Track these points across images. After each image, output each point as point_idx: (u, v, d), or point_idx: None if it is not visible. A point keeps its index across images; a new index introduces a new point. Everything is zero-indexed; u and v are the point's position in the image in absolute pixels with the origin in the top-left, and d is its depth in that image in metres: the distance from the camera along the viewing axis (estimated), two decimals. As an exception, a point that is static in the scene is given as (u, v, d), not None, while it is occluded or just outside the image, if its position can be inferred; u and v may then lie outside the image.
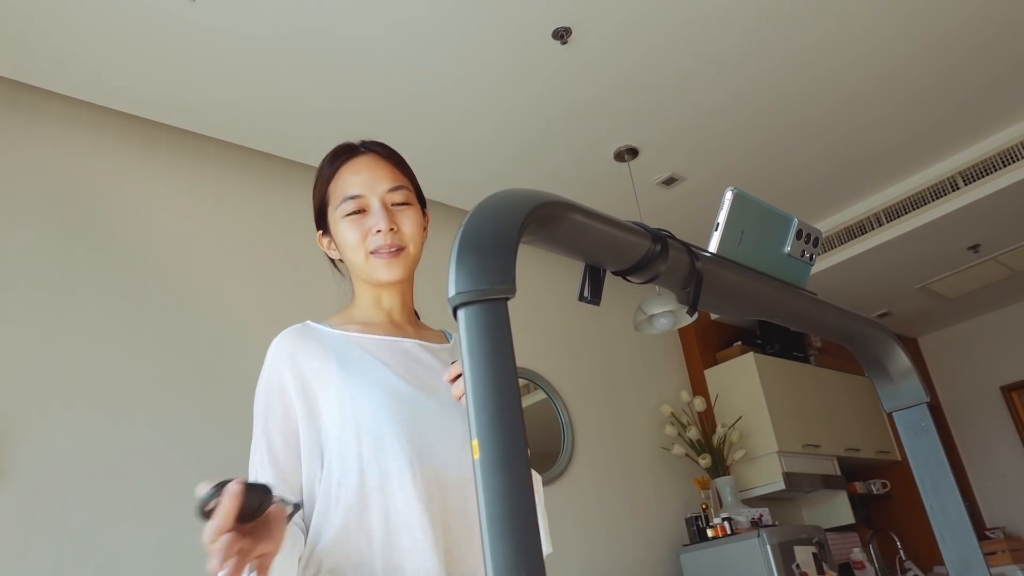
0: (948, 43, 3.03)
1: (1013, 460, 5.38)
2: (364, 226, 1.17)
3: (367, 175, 1.20)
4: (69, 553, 2.10)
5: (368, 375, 1.11)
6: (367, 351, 1.15)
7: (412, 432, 1.07)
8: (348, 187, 1.19)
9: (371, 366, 1.13)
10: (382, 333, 1.19)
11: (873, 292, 4.89)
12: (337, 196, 1.20)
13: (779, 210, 0.79)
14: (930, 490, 0.85)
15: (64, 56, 2.45)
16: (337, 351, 1.13)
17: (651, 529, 3.73)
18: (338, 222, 1.19)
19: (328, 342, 1.14)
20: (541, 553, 0.44)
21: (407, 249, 1.18)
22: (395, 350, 1.17)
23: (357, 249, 1.17)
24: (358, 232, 1.17)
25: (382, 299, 1.22)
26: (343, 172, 1.22)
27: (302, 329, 1.17)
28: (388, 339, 1.18)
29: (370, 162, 1.22)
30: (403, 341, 1.19)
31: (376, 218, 1.16)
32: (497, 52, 2.72)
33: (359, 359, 1.13)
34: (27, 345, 2.25)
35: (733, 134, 3.41)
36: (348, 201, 1.18)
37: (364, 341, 1.16)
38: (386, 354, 1.16)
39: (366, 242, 1.16)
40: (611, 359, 4.04)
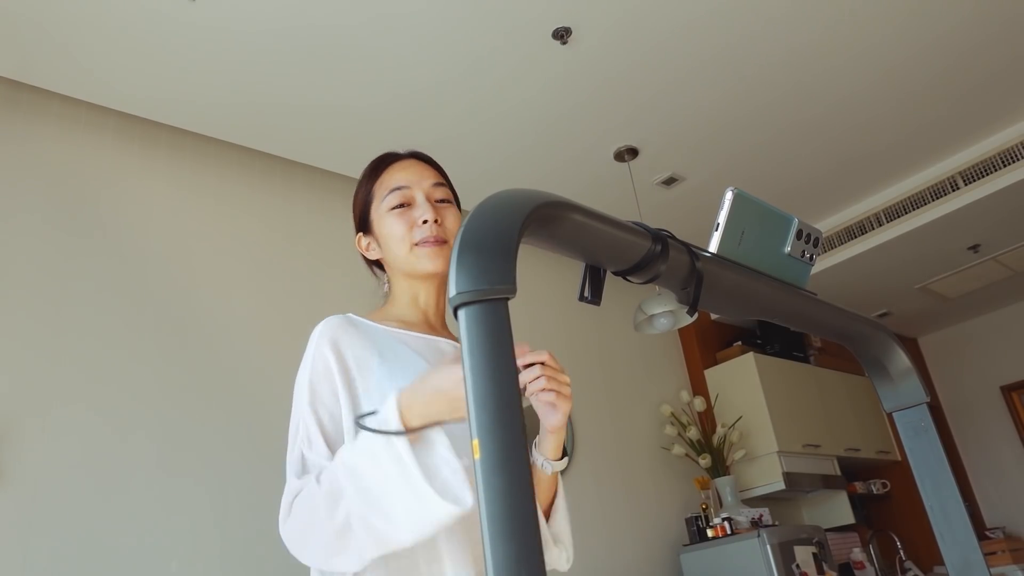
0: (948, 43, 3.03)
1: (1013, 460, 5.38)
2: (410, 218, 1.19)
3: (412, 171, 1.24)
4: (69, 553, 2.10)
5: (408, 367, 1.12)
6: (406, 344, 1.16)
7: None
8: (393, 180, 1.23)
9: (410, 358, 1.13)
10: (418, 331, 1.20)
11: (873, 292, 4.89)
12: (382, 191, 1.23)
13: (779, 210, 0.80)
14: (930, 490, 0.85)
15: (64, 56, 2.45)
16: (378, 343, 1.14)
17: (651, 529, 3.73)
18: (383, 216, 1.21)
19: (369, 334, 1.15)
20: (541, 553, 0.44)
21: (449, 243, 1.19)
22: (431, 347, 1.18)
23: (402, 241, 1.18)
24: (404, 223, 1.19)
25: (419, 297, 1.23)
26: (388, 171, 1.25)
27: (344, 319, 1.17)
28: (426, 337, 1.20)
29: (413, 163, 1.27)
30: (439, 340, 1.21)
31: (422, 209, 1.19)
32: (497, 52, 2.72)
33: (399, 353, 1.14)
34: (27, 345, 2.25)
35: (733, 134, 3.41)
36: (394, 193, 1.21)
37: (403, 336, 1.18)
38: (423, 348, 1.17)
39: (411, 233, 1.18)
40: (611, 359, 4.04)
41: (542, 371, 1.02)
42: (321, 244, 3.03)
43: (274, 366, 2.57)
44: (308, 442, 1.07)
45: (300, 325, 1.41)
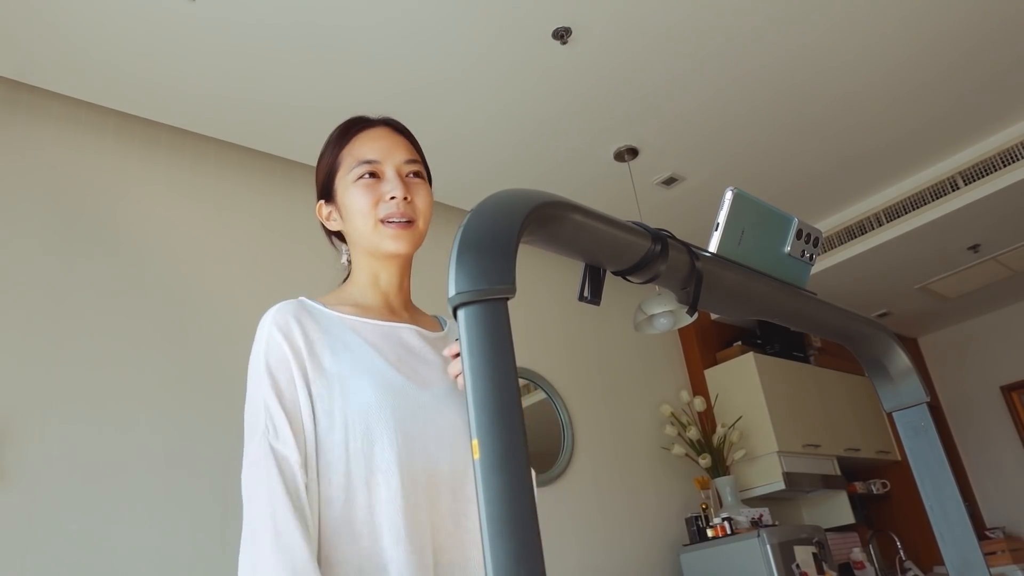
0: (948, 43, 3.03)
1: (1013, 460, 5.38)
2: (377, 192, 1.13)
3: (384, 143, 1.18)
4: (69, 553, 2.10)
5: (360, 363, 1.07)
6: (361, 336, 1.10)
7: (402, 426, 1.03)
8: (364, 152, 1.16)
9: (364, 353, 1.08)
10: (377, 317, 1.14)
11: (873, 292, 4.89)
12: (350, 161, 1.17)
13: (779, 210, 0.79)
14: (930, 490, 0.85)
15: (64, 56, 2.45)
16: (330, 333, 1.09)
17: (651, 529, 3.73)
18: (348, 187, 1.15)
19: (322, 322, 1.10)
20: (541, 553, 0.44)
21: (417, 223, 1.14)
22: (389, 337, 1.13)
23: (367, 215, 1.12)
24: (370, 197, 1.13)
25: (380, 278, 1.17)
26: (359, 139, 1.19)
27: (297, 305, 1.11)
28: (383, 324, 1.14)
29: (386, 133, 1.20)
30: (399, 327, 1.15)
31: (391, 185, 1.13)
32: (497, 52, 2.72)
33: (351, 344, 1.08)
34: (27, 345, 2.25)
35: (733, 134, 3.41)
36: (363, 165, 1.15)
37: (358, 325, 1.12)
38: (380, 340, 1.11)
39: (377, 209, 1.12)
40: (611, 359, 4.04)
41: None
42: (321, 244, 3.02)
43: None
44: (274, 432, 1.00)
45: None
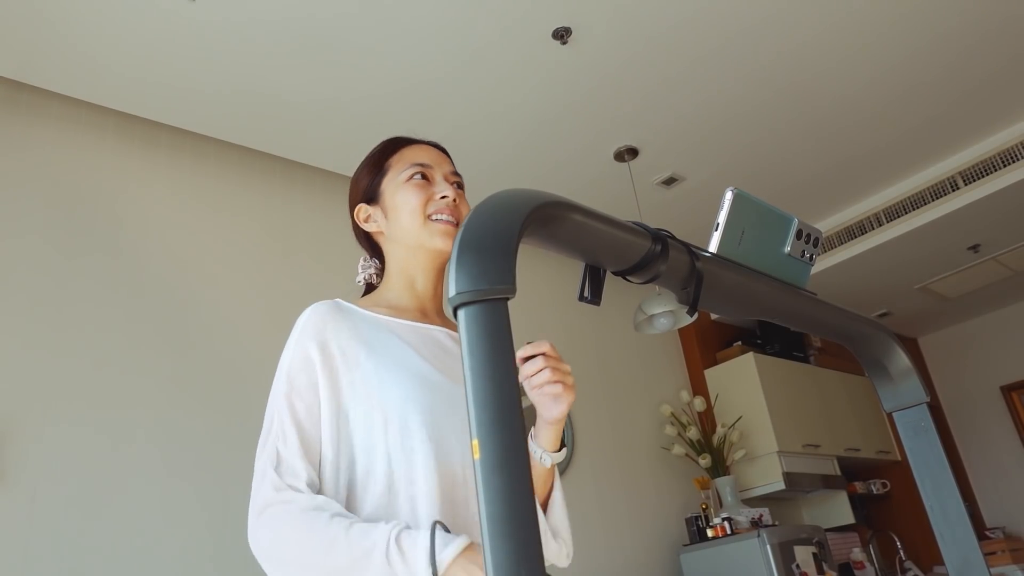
0: (948, 43, 3.03)
1: (1013, 460, 5.38)
2: (428, 191, 1.17)
3: (433, 155, 1.24)
4: (69, 553, 2.10)
5: (396, 359, 1.08)
6: (397, 335, 1.12)
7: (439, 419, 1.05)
8: (416, 157, 1.21)
9: (399, 350, 1.10)
10: (412, 319, 1.16)
11: (873, 292, 4.89)
12: (401, 165, 1.21)
13: (779, 210, 0.80)
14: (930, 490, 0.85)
15: (64, 56, 2.45)
16: (366, 332, 1.10)
17: (651, 529, 3.73)
18: (399, 186, 1.19)
19: (359, 322, 1.11)
20: (541, 553, 0.44)
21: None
22: (424, 336, 1.15)
23: (416, 212, 1.16)
24: (422, 195, 1.17)
25: (416, 283, 1.19)
26: (408, 148, 1.24)
27: (333, 305, 1.13)
28: (418, 325, 1.16)
29: (431, 148, 1.26)
30: (432, 329, 1.17)
31: (443, 186, 1.18)
32: (497, 52, 2.72)
33: (387, 342, 1.10)
34: (27, 345, 2.25)
35: (733, 134, 3.41)
36: (416, 166, 1.19)
37: (394, 325, 1.14)
38: (415, 339, 1.13)
39: (427, 206, 1.16)
40: (611, 359, 4.04)
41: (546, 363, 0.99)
42: (321, 244, 3.03)
43: (273, 366, 2.57)
44: (283, 438, 1.03)
45: (300, 325, 1.40)
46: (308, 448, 1.03)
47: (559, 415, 1.03)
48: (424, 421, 1.04)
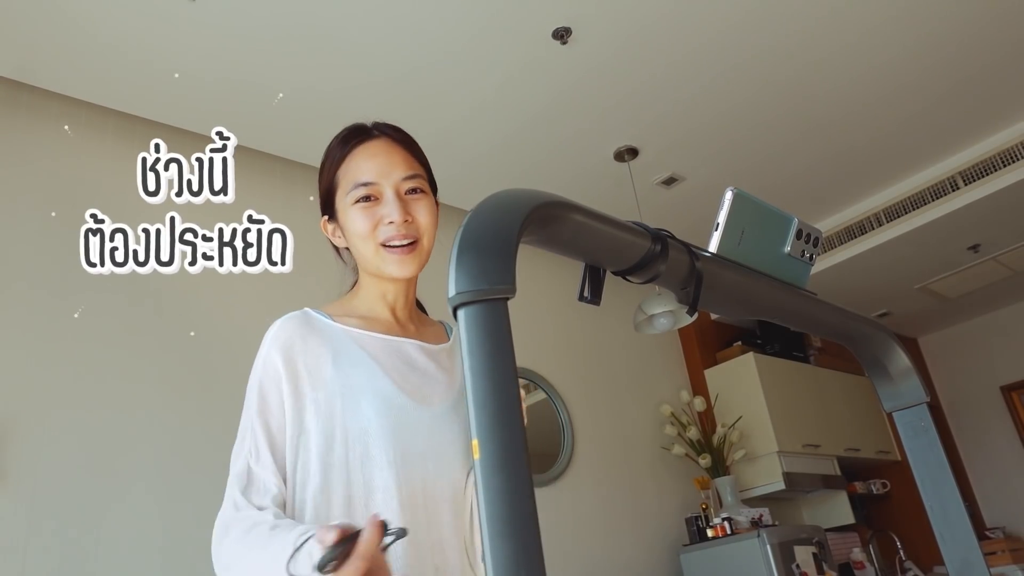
0: (948, 43, 3.03)
1: (1013, 460, 5.38)
2: (376, 215, 1.11)
3: (381, 160, 1.14)
4: (69, 553, 2.10)
5: (362, 380, 1.07)
6: (365, 350, 1.10)
7: (401, 445, 1.04)
8: (360, 173, 1.13)
9: (366, 369, 1.08)
10: (382, 331, 1.14)
11: (873, 292, 4.89)
12: (348, 182, 1.14)
13: (779, 210, 0.79)
14: (930, 490, 0.85)
15: (64, 56, 2.45)
16: (334, 348, 1.08)
17: (651, 529, 3.73)
18: (347, 209, 1.13)
19: (327, 337, 1.09)
20: (541, 553, 0.44)
21: (420, 242, 1.12)
22: (393, 351, 1.12)
23: (367, 240, 1.11)
24: (369, 221, 1.10)
25: (387, 293, 1.17)
26: (355, 156, 1.16)
27: (302, 318, 1.11)
28: (388, 339, 1.13)
29: (384, 147, 1.17)
30: (403, 342, 1.15)
31: (390, 207, 1.10)
32: (497, 52, 2.72)
33: (356, 360, 1.08)
34: (27, 345, 2.25)
35: (733, 134, 3.41)
36: (359, 188, 1.12)
37: (363, 339, 1.11)
38: (383, 355, 1.11)
39: (376, 232, 1.10)
40: (611, 359, 4.04)
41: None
42: (321, 244, 3.02)
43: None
44: (256, 454, 1.04)
45: (300, 325, 1.40)
46: (280, 463, 1.04)
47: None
48: (386, 447, 1.03)
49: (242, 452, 1.05)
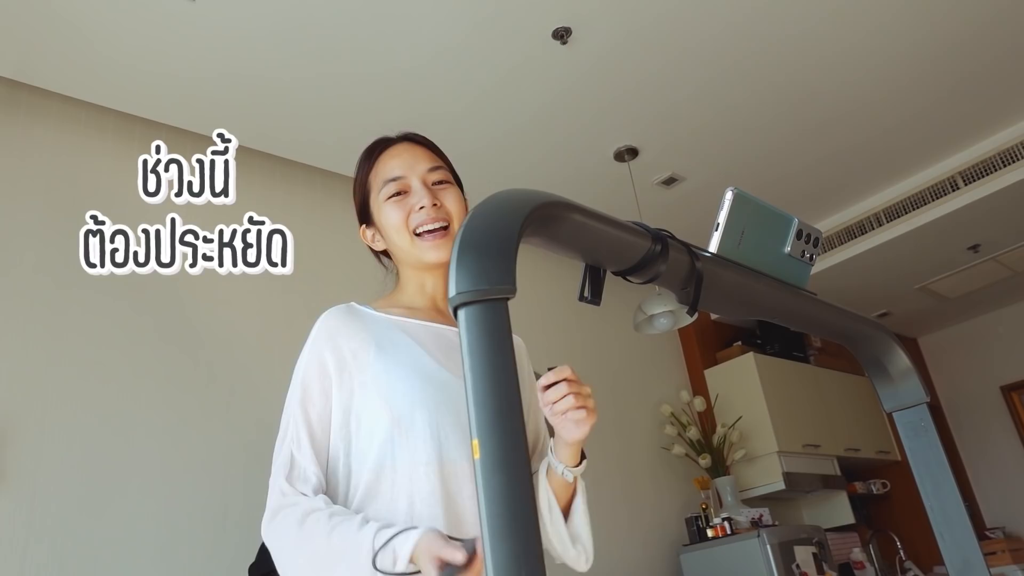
0: (948, 43, 3.03)
1: (1013, 460, 5.38)
2: (407, 205, 1.17)
3: (406, 157, 1.22)
4: (69, 553, 2.10)
5: (405, 359, 1.12)
6: (408, 334, 1.15)
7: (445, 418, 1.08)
8: (388, 171, 1.21)
9: (408, 350, 1.13)
10: (424, 318, 1.19)
11: (873, 292, 4.89)
12: (378, 182, 1.21)
13: (779, 210, 0.80)
14: (930, 490, 0.85)
15: (64, 56, 2.45)
16: (377, 334, 1.14)
17: (651, 529, 3.73)
18: (381, 207, 1.20)
19: (370, 324, 1.15)
20: (541, 553, 0.44)
21: (451, 227, 1.18)
22: (435, 335, 1.18)
23: (402, 230, 1.17)
24: (402, 212, 1.17)
25: (426, 284, 1.22)
26: (381, 160, 1.24)
27: (346, 309, 1.17)
28: (429, 324, 1.19)
29: (407, 147, 1.25)
30: (444, 328, 1.20)
31: (419, 196, 1.17)
32: (497, 52, 2.72)
33: (398, 342, 1.13)
34: (27, 345, 2.25)
35: (733, 134, 3.41)
36: (390, 183, 1.19)
37: (406, 325, 1.17)
38: (425, 338, 1.16)
39: (409, 221, 1.17)
40: (611, 359, 4.04)
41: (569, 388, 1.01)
42: (321, 244, 3.03)
43: (273, 367, 2.57)
44: (297, 443, 1.08)
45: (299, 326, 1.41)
46: (319, 453, 1.08)
47: (581, 437, 1.06)
48: (429, 421, 1.07)
49: (285, 440, 1.09)
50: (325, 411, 1.10)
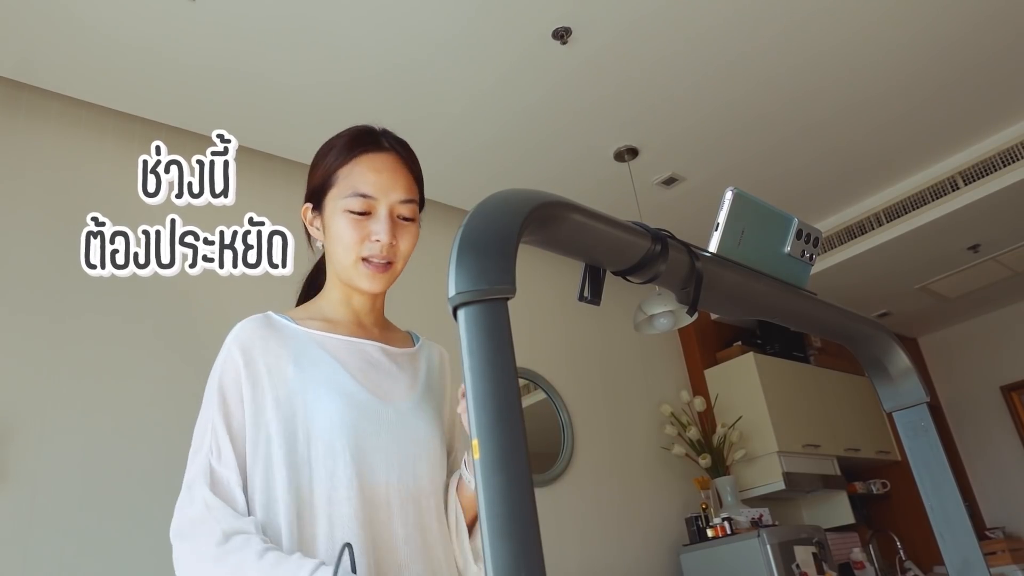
0: (949, 43, 3.03)
1: (1013, 460, 5.38)
2: (365, 229, 1.11)
3: (385, 177, 1.14)
4: (69, 553, 2.10)
5: (324, 378, 1.08)
6: (326, 351, 1.11)
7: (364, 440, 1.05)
8: (362, 184, 1.13)
9: (328, 368, 1.09)
10: (345, 333, 1.16)
11: (873, 292, 4.89)
12: (346, 186, 1.13)
13: (779, 210, 0.79)
14: (930, 490, 0.85)
15: (64, 56, 2.45)
16: (295, 349, 1.10)
17: (651, 529, 3.73)
18: (337, 213, 1.13)
19: (288, 339, 1.11)
20: (541, 553, 0.44)
21: (395, 266, 1.14)
22: (356, 352, 1.14)
23: (349, 250, 1.12)
24: (357, 234, 1.11)
25: (353, 299, 1.19)
26: (360, 163, 1.15)
27: (263, 320, 1.13)
28: (350, 340, 1.15)
29: (390, 163, 1.16)
30: (366, 344, 1.16)
31: (380, 226, 1.11)
32: (497, 52, 2.72)
33: (316, 360, 1.10)
34: (27, 345, 2.25)
35: (733, 134, 3.41)
36: (358, 198, 1.12)
37: (325, 340, 1.13)
38: (345, 355, 1.12)
39: (361, 246, 1.11)
40: (611, 359, 4.04)
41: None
42: (321, 244, 3.03)
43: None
44: (217, 453, 1.04)
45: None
46: (240, 466, 1.05)
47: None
48: (348, 443, 1.04)
49: (202, 449, 1.05)
50: (241, 422, 1.06)
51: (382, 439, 1.07)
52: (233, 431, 1.05)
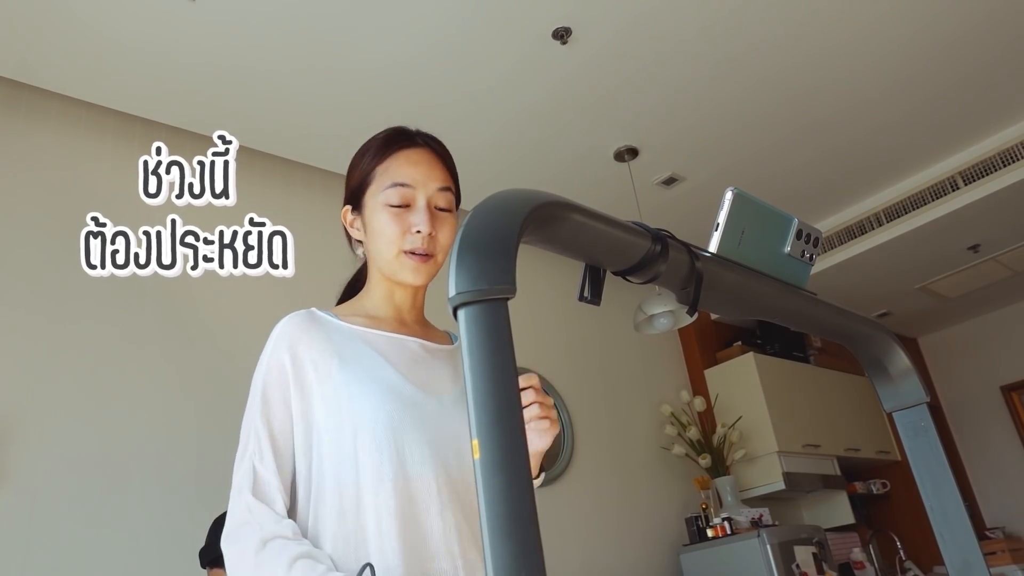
0: (949, 43, 3.03)
1: (1013, 460, 5.38)
2: (405, 222, 1.13)
3: (422, 168, 1.17)
4: (69, 553, 2.10)
5: (368, 372, 1.09)
6: (371, 346, 1.12)
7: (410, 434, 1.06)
8: (400, 174, 1.15)
9: (372, 362, 1.10)
10: (388, 329, 1.17)
11: (873, 292, 4.89)
12: (384, 179, 1.15)
13: (779, 210, 0.79)
14: (930, 490, 0.85)
15: (64, 56, 2.45)
16: (340, 344, 1.11)
17: (651, 529, 3.73)
18: (378, 208, 1.15)
19: (332, 333, 1.12)
20: (541, 553, 0.44)
21: (436, 258, 1.15)
22: (399, 347, 1.15)
23: (391, 243, 1.13)
24: (399, 227, 1.13)
25: (395, 295, 1.19)
26: (397, 158, 1.17)
27: (307, 316, 1.14)
28: (393, 336, 1.16)
29: (425, 156, 1.20)
30: (408, 340, 1.17)
31: (420, 217, 1.13)
32: (497, 52, 2.72)
33: (361, 354, 1.11)
34: (27, 345, 2.25)
35: (733, 134, 3.41)
36: (396, 188, 1.14)
37: (369, 336, 1.14)
38: (389, 350, 1.13)
39: (403, 240, 1.13)
40: (611, 359, 4.04)
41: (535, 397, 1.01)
42: (321, 244, 3.02)
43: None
44: (260, 455, 1.05)
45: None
46: (282, 466, 1.05)
47: (543, 447, 1.04)
48: (394, 436, 1.05)
49: (246, 453, 1.06)
50: (287, 421, 1.07)
51: (427, 432, 1.07)
52: (275, 432, 1.06)
